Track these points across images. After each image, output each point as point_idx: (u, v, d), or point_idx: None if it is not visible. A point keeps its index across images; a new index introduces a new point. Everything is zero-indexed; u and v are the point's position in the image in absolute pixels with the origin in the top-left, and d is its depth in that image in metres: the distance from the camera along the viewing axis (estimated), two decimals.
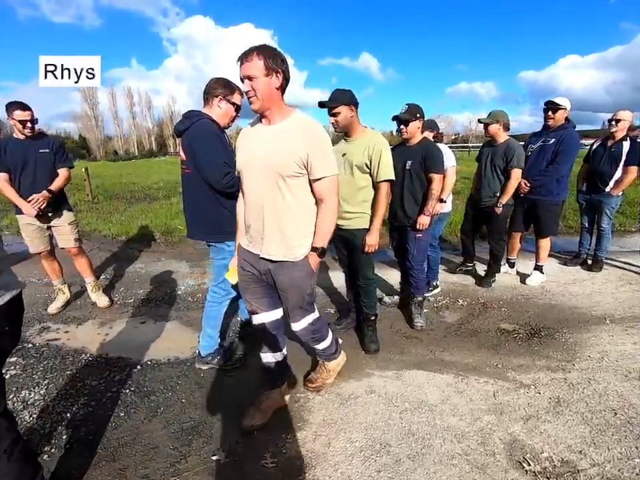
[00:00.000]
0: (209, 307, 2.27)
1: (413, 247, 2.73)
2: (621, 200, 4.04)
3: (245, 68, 1.46)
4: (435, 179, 2.59)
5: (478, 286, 3.64)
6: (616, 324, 2.81)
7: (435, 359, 2.39)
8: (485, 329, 2.80)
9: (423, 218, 2.64)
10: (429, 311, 3.14)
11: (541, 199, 3.42)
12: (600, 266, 4.01)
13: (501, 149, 3.30)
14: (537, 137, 3.48)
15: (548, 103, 3.34)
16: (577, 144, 3.36)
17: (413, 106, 2.59)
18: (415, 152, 2.63)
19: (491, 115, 3.36)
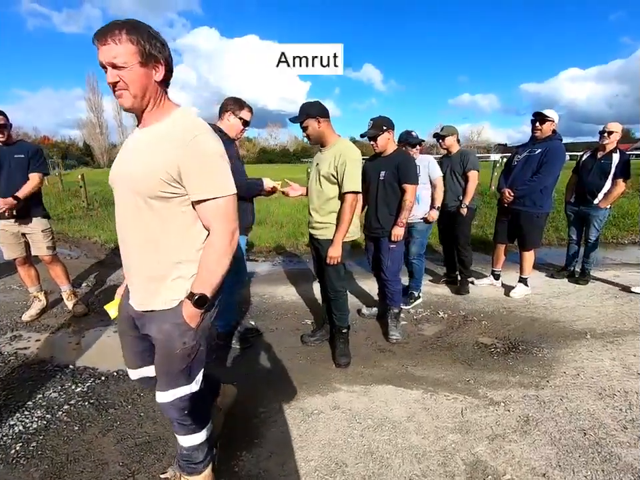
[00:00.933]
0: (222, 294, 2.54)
1: (387, 258, 2.69)
2: (609, 213, 3.99)
3: (107, 51, 1.05)
4: (408, 189, 2.57)
5: (456, 294, 3.63)
6: (596, 339, 2.75)
7: (406, 374, 2.33)
8: (463, 342, 2.74)
9: (397, 229, 2.61)
10: (408, 323, 3.08)
11: (524, 209, 3.38)
12: (587, 279, 3.95)
13: (457, 158, 3.50)
14: (524, 147, 3.47)
15: (536, 115, 3.33)
16: (562, 156, 3.34)
17: (378, 119, 2.61)
18: (388, 162, 2.61)
19: (445, 129, 3.54)
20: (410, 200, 2.59)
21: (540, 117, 3.27)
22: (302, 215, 7.83)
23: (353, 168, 2.18)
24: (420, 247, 3.31)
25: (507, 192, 3.40)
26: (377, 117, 2.63)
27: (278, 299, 3.62)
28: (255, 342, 2.74)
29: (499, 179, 3.62)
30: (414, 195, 2.62)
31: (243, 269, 2.56)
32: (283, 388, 2.18)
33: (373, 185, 2.69)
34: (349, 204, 2.20)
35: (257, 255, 5.37)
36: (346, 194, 2.19)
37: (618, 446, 1.72)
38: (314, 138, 2.30)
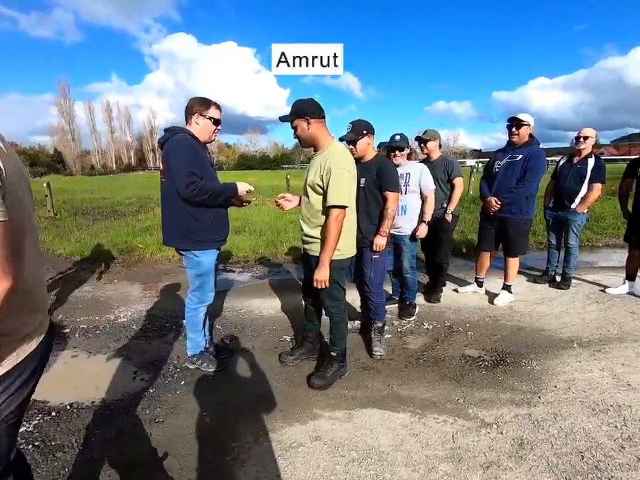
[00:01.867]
0: (186, 312, 2.39)
1: (369, 269, 2.54)
2: (587, 217, 4.02)
3: None
4: (390, 197, 2.43)
5: (427, 302, 3.56)
6: (583, 348, 2.68)
7: (392, 394, 2.17)
8: (449, 356, 2.62)
9: (379, 239, 2.47)
10: (392, 336, 2.94)
11: (510, 217, 3.33)
12: (568, 284, 3.94)
13: (440, 164, 3.41)
14: (503, 153, 3.42)
15: (512, 120, 3.29)
16: (544, 161, 3.32)
17: (358, 123, 2.46)
18: (368, 169, 2.47)
19: (428, 133, 3.43)
20: (392, 208, 2.46)
21: (516, 121, 3.24)
22: (281, 222, 7.64)
23: (338, 178, 1.93)
24: (411, 260, 3.18)
25: (493, 200, 3.33)
26: (356, 120, 2.49)
27: (255, 313, 3.41)
28: (229, 364, 2.52)
29: (481, 186, 3.57)
30: (396, 203, 2.50)
31: (208, 288, 2.34)
32: (258, 417, 1.97)
33: None
34: (334, 219, 1.95)
35: (235, 265, 5.13)
36: (330, 208, 1.96)
37: (618, 469, 1.61)
38: (304, 140, 2.08)
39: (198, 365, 2.43)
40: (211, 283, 2.36)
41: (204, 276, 2.29)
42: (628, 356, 2.55)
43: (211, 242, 2.24)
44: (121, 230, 7.18)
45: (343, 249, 2.07)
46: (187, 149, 2.07)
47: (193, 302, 2.34)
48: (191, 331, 2.41)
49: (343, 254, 2.10)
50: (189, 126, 2.20)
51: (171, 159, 2.08)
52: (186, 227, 2.15)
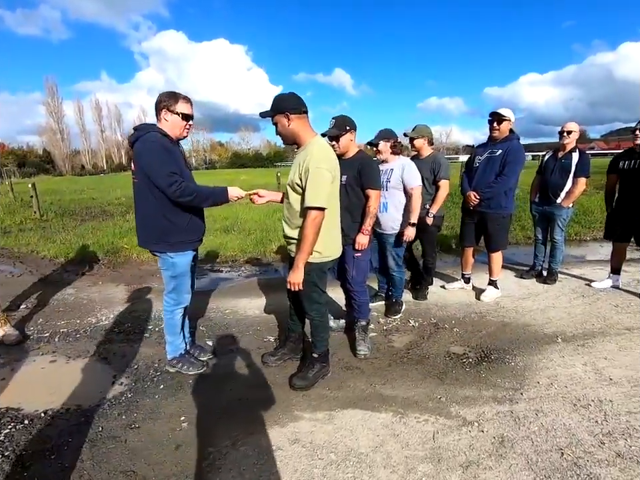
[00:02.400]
0: (164, 315, 2.34)
1: (351, 268, 2.51)
2: (573, 211, 4.02)
3: None
4: (372, 195, 2.40)
5: (415, 299, 3.53)
6: (567, 342, 2.68)
7: (374, 394, 2.14)
8: (434, 353, 2.60)
9: (361, 237, 2.43)
10: (378, 334, 2.91)
11: (489, 212, 3.32)
12: (554, 278, 3.95)
13: (428, 163, 3.31)
14: (483, 148, 3.41)
15: (492, 115, 3.27)
16: (523, 156, 3.33)
17: (340, 118, 2.40)
18: (350, 165, 2.43)
19: (416, 129, 3.36)
20: (374, 206, 2.42)
21: (497, 116, 3.23)
22: (271, 220, 7.58)
23: (317, 177, 1.83)
24: (397, 258, 3.11)
25: (472, 195, 3.33)
26: (338, 116, 2.44)
27: (240, 313, 3.36)
28: (210, 365, 2.47)
29: (461, 181, 3.56)
30: (378, 201, 2.46)
31: (184, 289, 2.29)
32: (237, 421, 1.94)
33: None
34: (311, 221, 1.85)
35: (223, 265, 5.08)
36: (307, 209, 1.86)
37: (597, 465, 1.61)
38: (285, 137, 1.99)
39: (178, 368, 2.39)
40: (187, 285, 2.30)
41: (179, 277, 2.24)
42: (610, 350, 2.56)
43: (187, 243, 2.19)
44: (108, 230, 7.07)
45: (324, 251, 2.01)
46: (159, 149, 1.99)
47: (169, 304, 2.29)
48: (169, 334, 2.36)
49: (325, 256, 2.03)
50: (158, 123, 2.11)
51: (145, 160, 2.00)
52: (161, 229, 2.09)
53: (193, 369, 2.39)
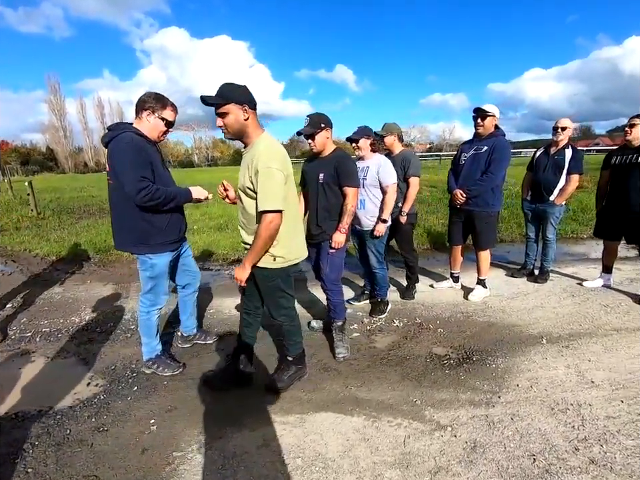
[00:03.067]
0: (140, 316, 2.31)
1: (325, 264, 2.46)
2: (565, 209, 3.94)
3: None
4: (349, 192, 2.35)
5: (402, 299, 3.49)
6: (552, 344, 2.63)
7: (349, 397, 2.11)
8: (415, 354, 2.56)
9: (338, 235, 2.39)
10: (360, 334, 2.87)
11: (476, 210, 3.27)
12: (546, 277, 3.88)
13: (398, 160, 3.25)
14: (469, 145, 3.35)
15: (476, 111, 3.22)
16: (508, 152, 3.25)
17: (315, 116, 2.34)
18: (327, 163, 2.38)
19: (386, 127, 3.28)
20: (352, 204, 2.38)
21: (480, 112, 3.17)
22: None
23: (267, 179, 1.69)
24: (378, 255, 3.06)
25: (458, 193, 3.27)
26: (314, 114, 2.38)
27: (224, 313, 3.34)
28: (187, 367, 2.45)
29: (448, 178, 3.50)
30: (356, 198, 2.42)
31: (161, 290, 2.28)
32: (207, 424, 1.91)
33: (312, 189, 2.46)
34: (266, 225, 1.73)
35: (213, 264, 5.05)
36: (262, 213, 1.74)
37: (569, 472, 1.56)
38: (234, 132, 1.78)
39: (154, 369, 2.37)
40: (164, 286, 2.29)
41: (158, 278, 2.22)
42: (595, 351, 2.50)
43: (166, 244, 2.18)
44: (102, 228, 7.07)
45: (286, 255, 1.90)
46: (134, 151, 1.95)
47: (145, 305, 2.28)
48: (145, 335, 2.35)
49: (289, 260, 1.93)
50: (137, 121, 2.08)
51: (118, 162, 1.96)
52: (140, 231, 2.07)
53: (169, 370, 2.37)
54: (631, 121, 3.23)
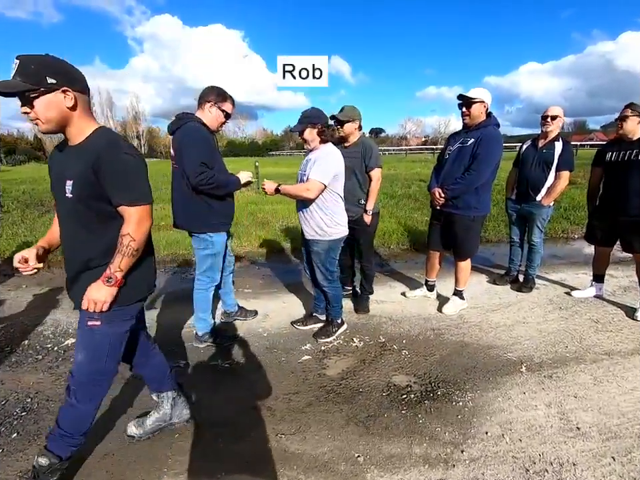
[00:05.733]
0: (197, 294, 2.49)
1: None
2: (553, 210, 3.54)
3: None
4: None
5: (355, 312, 3.06)
6: (532, 372, 2.23)
7: (276, 450, 1.68)
8: (371, 386, 2.14)
9: None
10: (312, 357, 2.45)
11: (457, 213, 2.83)
12: (530, 285, 3.49)
13: (357, 150, 2.78)
14: (455, 138, 2.90)
15: (460, 98, 2.75)
16: (498, 146, 2.75)
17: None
18: None
19: (345, 111, 2.76)
20: None
21: (465, 99, 2.70)
22: (243, 214, 7.07)
23: None
24: (326, 272, 2.51)
25: (437, 192, 2.83)
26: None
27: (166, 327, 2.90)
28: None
29: (431, 175, 3.06)
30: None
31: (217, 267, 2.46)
32: None
33: None
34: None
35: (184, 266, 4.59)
36: None
37: None
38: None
39: (210, 342, 2.54)
40: (220, 263, 2.48)
41: (216, 256, 2.40)
42: (583, 384, 2.11)
43: (223, 224, 2.38)
44: None
45: None
46: (201, 139, 2.17)
47: (204, 282, 2.44)
48: (202, 311, 2.49)
49: None
50: (200, 112, 2.27)
51: (185, 148, 2.15)
52: (199, 211, 2.26)
53: (226, 341, 2.59)
54: (623, 112, 2.80)
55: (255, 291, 3.62)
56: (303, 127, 2.31)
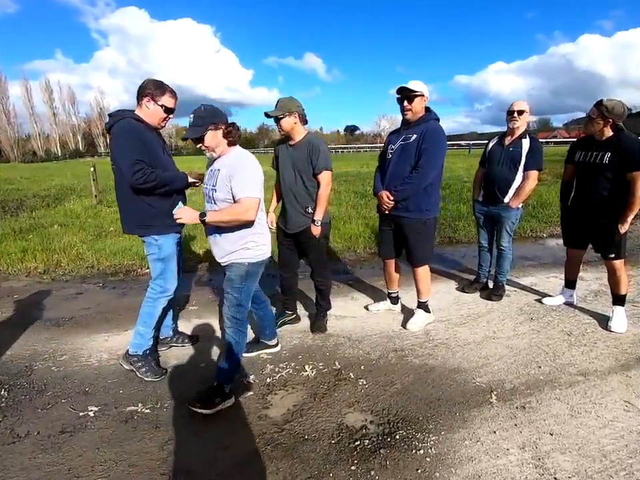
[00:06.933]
0: (145, 302, 2.26)
1: None
2: (522, 212, 3.33)
3: None
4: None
5: (311, 332, 2.73)
6: (504, 403, 1.96)
7: None
8: (319, 429, 1.80)
9: None
10: (254, 393, 2.08)
11: (406, 216, 2.57)
12: (500, 293, 3.26)
13: (303, 149, 2.42)
14: (396, 135, 2.63)
15: (400, 91, 2.48)
16: (442, 140, 2.54)
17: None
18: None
19: (280, 104, 2.36)
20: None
21: (405, 92, 2.44)
22: None
23: None
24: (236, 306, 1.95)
25: (384, 196, 2.55)
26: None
27: (80, 362, 2.44)
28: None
29: (374, 178, 2.76)
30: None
31: (170, 275, 2.22)
32: None
33: None
34: None
35: (107, 278, 4.08)
36: None
37: None
38: None
39: (136, 368, 2.21)
40: (173, 270, 2.25)
41: (166, 260, 2.19)
42: (559, 416, 1.85)
43: (171, 226, 2.12)
44: (3, 230, 5.84)
45: None
46: (131, 136, 1.99)
47: (154, 292, 2.22)
48: (143, 325, 2.21)
49: None
50: (138, 108, 2.11)
51: (116, 146, 2.02)
52: (143, 214, 2.09)
53: (151, 375, 2.19)
54: (589, 112, 2.57)
55: (202, 308, 3.21)
56: (203, 130, 1.77)
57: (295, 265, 2.78)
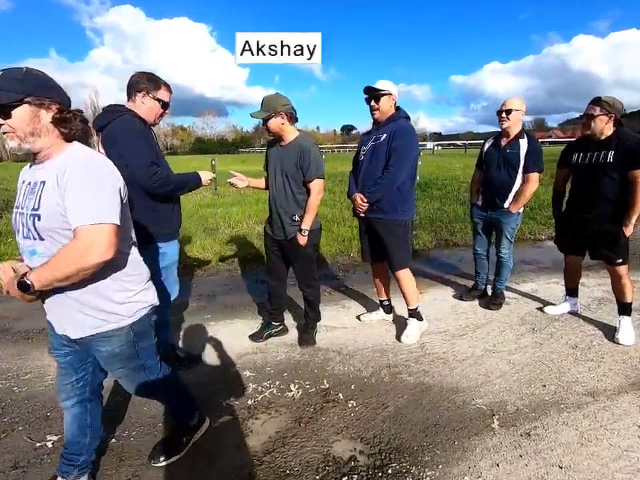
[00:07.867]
0: None
1: None
2: (522, 216, 3.16)
3: None
4: None
5: (299, 345, 2.55)
6: (507, 429, 1.78)
7: None
8: (303, 462, 1.62)
9: None
10: (232, 418, 1.90)
11: (383, 218, 2.44)
12: (500, 301, 3.09)
13: (292, 152, 2.23)
14: (368, 136, 2.52)
15: (367, 90, 2.38)
16: (412, 139, 2.44)
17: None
18: None
19: (265, 104, 2.17)
20: None
21: (372, 92, 2.36)
22: (192, 221, 6.37)
23: None
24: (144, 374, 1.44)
25: (358, 198, 2.45)
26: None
27: (34, 382, 2.24)
28: None
29: (349, 180, 2.63)
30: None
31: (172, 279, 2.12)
32: None
33: None
34: None
35: None
36: None
37: None
38: None
39: None
40: (175, 274, 2.18)
41: (169, 267, 2.11)
42: (568, 444, 1.68)
43: (174, 233, 2.10)
44: None
45: None
46: (139, 135, 1.85)
47: None
48: None
49: None
50: (132, 104, 1.94)
51: (124, 150, 1.79)
52: (146, 220, 1.88)
53: None
54: (588, 110, 2.41)
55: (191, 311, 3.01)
56: (14, 98, 1.05)
57: (284, 273, 2.59)
